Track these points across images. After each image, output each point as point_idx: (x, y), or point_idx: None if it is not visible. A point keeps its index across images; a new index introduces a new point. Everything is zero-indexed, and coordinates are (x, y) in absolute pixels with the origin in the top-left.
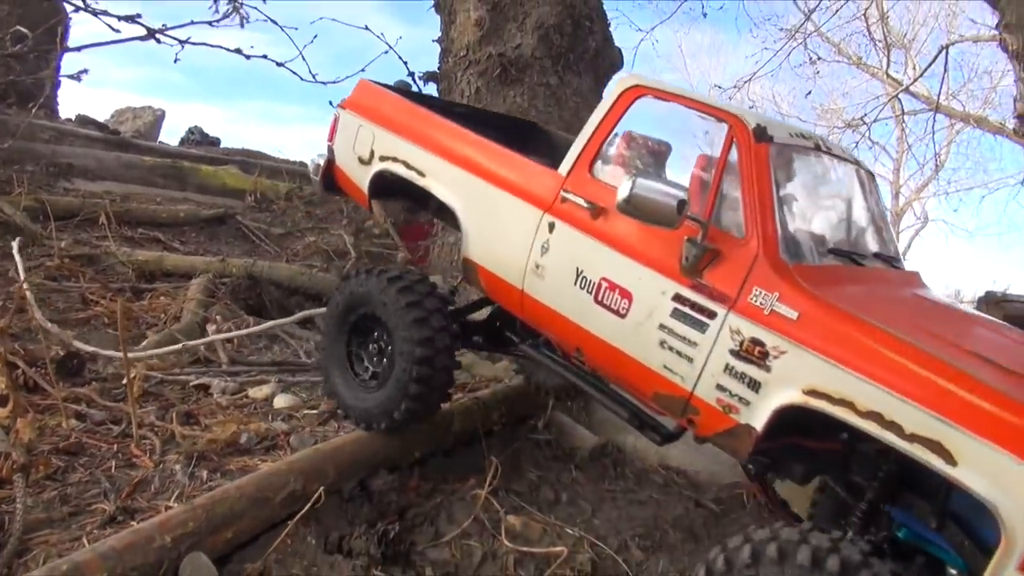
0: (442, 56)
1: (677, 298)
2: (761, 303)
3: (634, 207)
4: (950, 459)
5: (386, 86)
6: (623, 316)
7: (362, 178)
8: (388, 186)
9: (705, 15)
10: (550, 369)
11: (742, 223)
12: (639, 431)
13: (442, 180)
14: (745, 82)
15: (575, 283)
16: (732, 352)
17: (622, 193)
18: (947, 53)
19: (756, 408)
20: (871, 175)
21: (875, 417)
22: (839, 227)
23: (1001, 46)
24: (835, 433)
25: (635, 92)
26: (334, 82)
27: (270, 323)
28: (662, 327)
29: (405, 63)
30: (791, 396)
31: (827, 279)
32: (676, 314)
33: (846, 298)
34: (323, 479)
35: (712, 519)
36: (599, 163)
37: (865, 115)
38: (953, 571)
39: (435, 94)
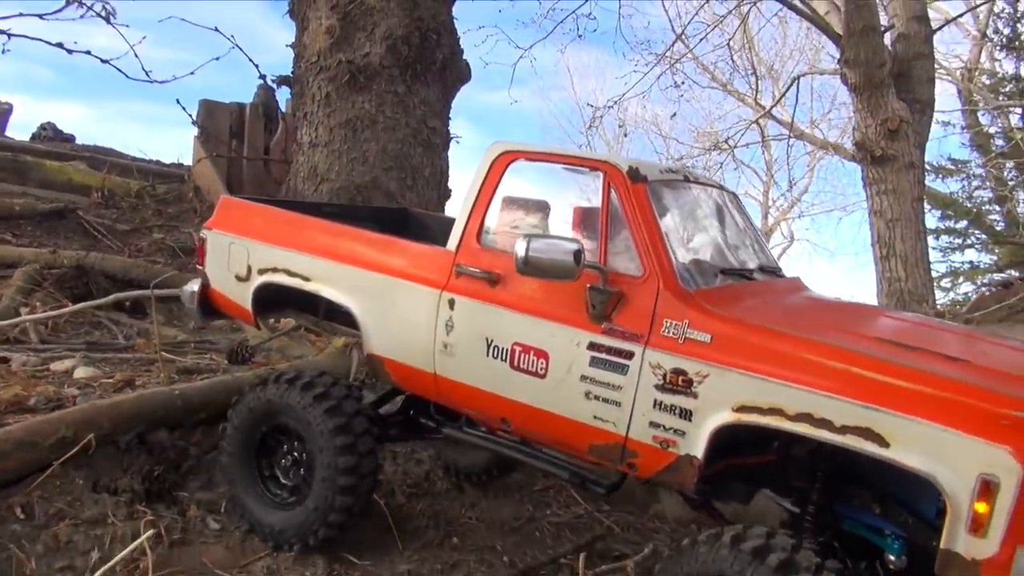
0: (295, 61)
1: (592, 346)
2: (674, 333)
3: (533, 267)
4: (882, 442)
5: (249, 198)
6: (543, 376)
7: (243, 296)
8: (273, 299)
9: (581, 36)
10: (464, 447)
11: (638, 262)
12: (582, 487)
13: (330, 281)
14: (614, 103)
15: (487, 354)
16: (657, 387)
17: (519, 254)
18: (799, 84)
19: (692, 437)
20: (735, 196)
21: (805, 418)
22: (722, 249)
23: (842, 80)
24: (767, 445)
25: (506, 158)
26: (163, 81)
27: (81, 305)
28: (584, 378)
29: (256, 65)
30: (724, 417)
31: (727, 298)
32: (595, 362)
33: (750, 312)
34: (96, 429)
35: None
36: (485, 233)
37: (729, 138)
38: (891, 556)
39: (288, 97)
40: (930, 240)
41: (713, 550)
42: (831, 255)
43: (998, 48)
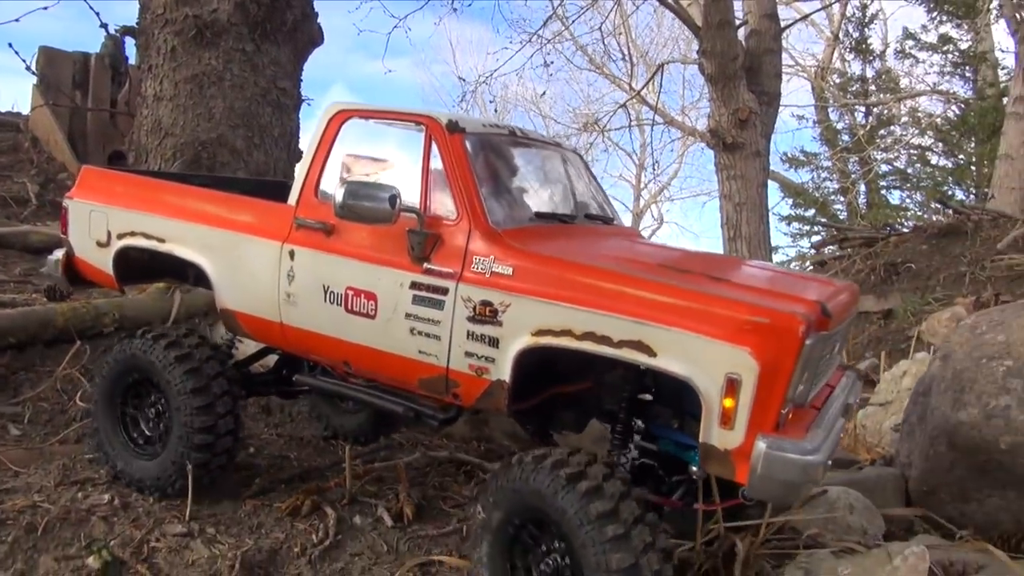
0: (141, 12)
1: (414, 285)
2: (482, 268)
3: (350, 211)
4: (651, 352)
5: (113, 167)
6: (373, 317)
7: (104, 261)
8: (135, 264)
9: (456, 10)
10: (343, 412)
11: (454, 206)
12: (418, 421)
13: (182, 241)
14: (485, 80)
15: (325, 300)
16: (469, 319)
17: (337, 199)
18: (663, 71)
19: (501, 362)
20: (578, 155)
21: (590, 337)
22: (543, 197)
23: (700, 70)
24: (584, 373)
25: (341, 116)
26: None
27: None
28: (408, 315)
29: (97, 13)
30: (525, 341)
31: (534, 236)
32: (416, 300)
33: (551, 248)
34: None
35: None
36: (323, 187)
37: (599, 120)
38: (693, 468)
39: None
40: (782, 226)
41: (536, 470)
42: (696, 237)
43: (848, 50)
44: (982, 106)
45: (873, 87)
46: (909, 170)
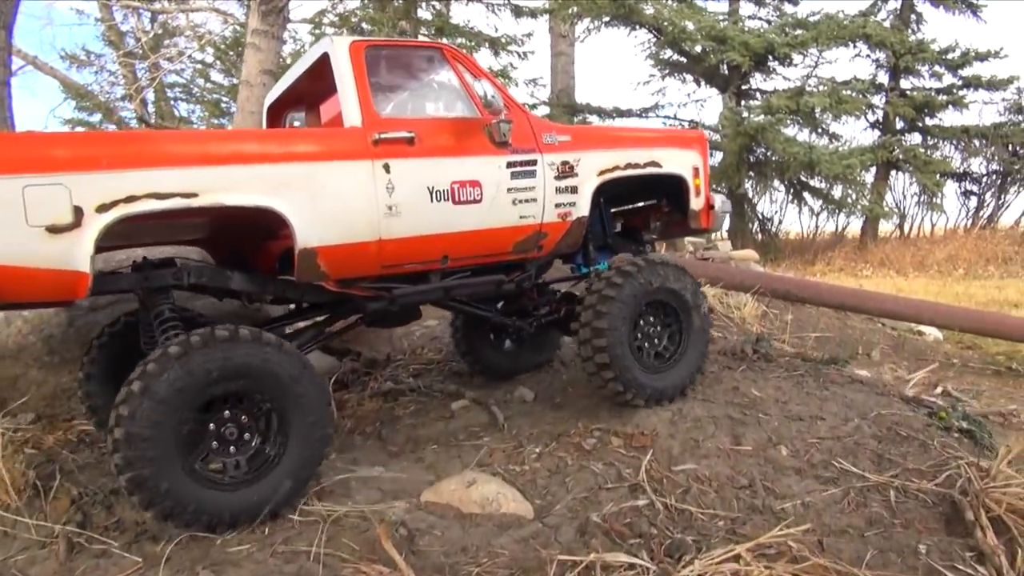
0: None
1: (510, 164)
2: (551, 140)
3: (492, 107)
4: (659, 166)
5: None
6: (479, 201)
7: (68, 253)
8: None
9: None
10: (492, 348)
11: (500, 104)
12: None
13: (233, 187)
14: None
15: (432, 200)
16: (555, 178)
17: (489, 95)
18: None
19: (580, 203)
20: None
21: (631, 166)
22: None
23: None
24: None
25: (360, 46)
26: None
27: None
28: (510, 190)
29: None
30: (595, 181)
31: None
32: (515, 175)
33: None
34: None
35: None
36: (380, 105)
37: None
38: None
39: None
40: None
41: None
42: None
43: None
44: None
45: None
46: (193, 85)
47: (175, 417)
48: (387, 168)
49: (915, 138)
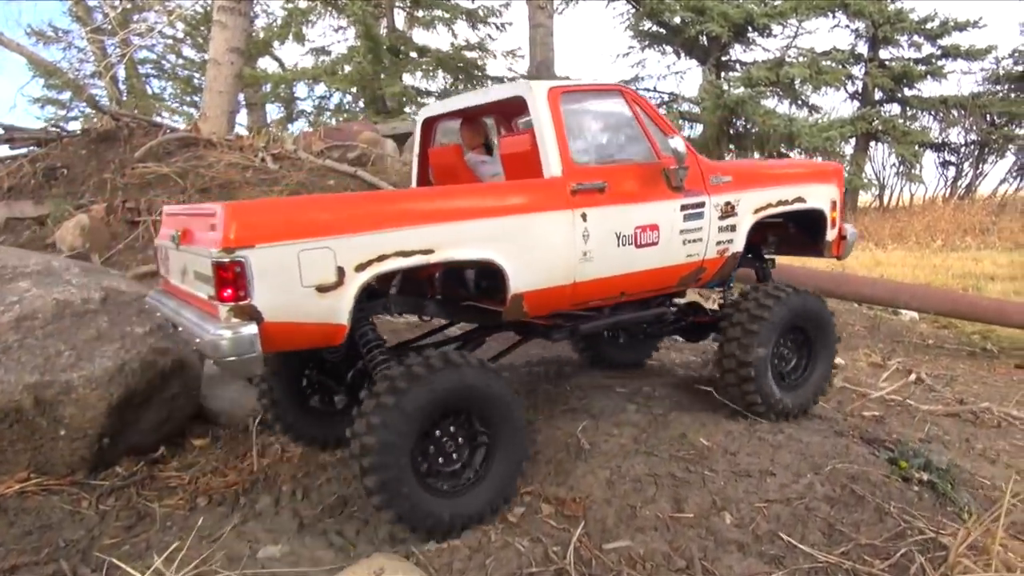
0: None
1: (683, 207)
2: (716, 182)
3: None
4: (804, 201)
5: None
6: (656, 244)
7: (332, 309)
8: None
9: None
10: (616, 346)
11: (681, 149)
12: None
13: (459, 242)
14: None
15: (618, 244)
16: (719, 218)
17: (680, 150)
18: None
19: (737, 240)
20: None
21: (781, 203)
22: None
23: None
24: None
25: (555, 93)
26: None
27: None
28: (682, 232)
29: None
30: (751, 219)
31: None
32: (687, 218)
33: (723, 162)
34: None
35: None
36: (574, 154)
37: None
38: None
39: None
40: (34, 109)
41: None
42: None
43: None
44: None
45: None
46: (165, 61)
47: (416, 429)
48: (584, 217)
49: (894, 109)
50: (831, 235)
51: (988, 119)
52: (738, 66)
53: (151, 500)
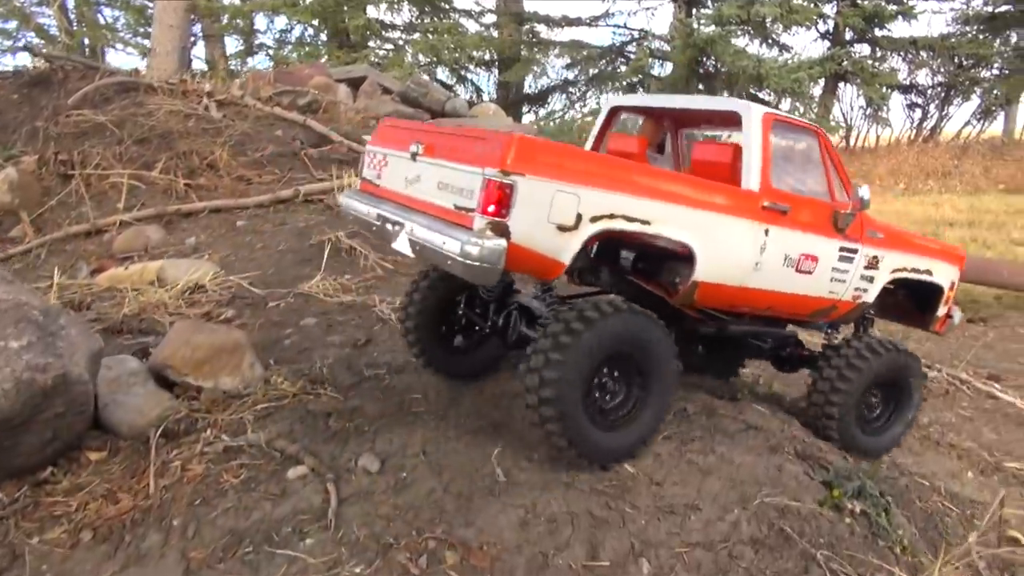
0: None
1: (841, 249)
2: (871, 235)
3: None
4: (931, 274)
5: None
6: (811, 273)
7: (562, 247)
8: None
9: None
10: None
11: (845, 196)
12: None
13: (669, 222)
14: None
15: (783, 264)
16: (864, 267)
17: (864, 197)
18: None
19: (871, 291)
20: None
21: (914, 271)
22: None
23: None
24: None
25: (770, 118)
26: None
27: None
28: (834, 269)
29: None
30: (888, 277)
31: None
32: (841, 259)
33: (877, 219)
34: None
35: None
36: (773, 176)
37: None
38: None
39: None
40: None
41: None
42: None
43: None
44: None
45: None
46: None
47: (589, 367)
48: (767, 232)
49: (864, 49)
50: (941, 311)
51: (956, 61)
52: (710, 3)
53: (30, 534)
